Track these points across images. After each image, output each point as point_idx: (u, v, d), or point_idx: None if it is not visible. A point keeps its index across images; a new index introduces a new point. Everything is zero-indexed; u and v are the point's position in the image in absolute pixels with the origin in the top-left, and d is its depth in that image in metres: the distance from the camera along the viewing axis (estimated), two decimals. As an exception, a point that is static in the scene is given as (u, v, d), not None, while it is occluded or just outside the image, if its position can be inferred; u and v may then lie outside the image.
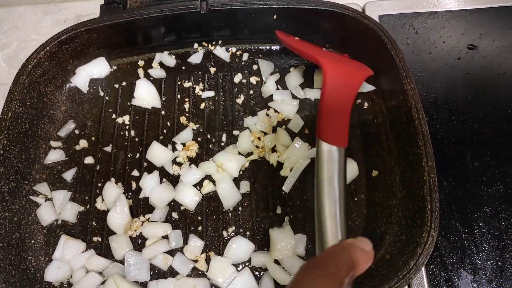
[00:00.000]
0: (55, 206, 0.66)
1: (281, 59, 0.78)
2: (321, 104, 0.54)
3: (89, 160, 0.71)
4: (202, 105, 0.75)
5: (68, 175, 0.69)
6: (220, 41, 0.79)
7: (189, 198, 0.66)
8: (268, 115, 0.73)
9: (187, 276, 0.61)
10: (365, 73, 0.62)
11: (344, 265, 0.34)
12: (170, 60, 0.78)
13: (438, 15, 0.87)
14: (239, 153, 0.69)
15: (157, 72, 0.77)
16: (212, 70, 0.78)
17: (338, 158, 0.52)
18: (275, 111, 0.73)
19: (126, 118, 0.74)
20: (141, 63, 0.78)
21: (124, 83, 0.77)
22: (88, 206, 0.67)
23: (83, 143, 0.72)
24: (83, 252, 0.63)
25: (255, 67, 0.77)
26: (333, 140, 0.52)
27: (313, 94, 0.74)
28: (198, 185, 0.68)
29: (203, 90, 0.76)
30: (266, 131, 0.71)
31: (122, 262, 0.63)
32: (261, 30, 0.75)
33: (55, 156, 0.70)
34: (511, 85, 0.78)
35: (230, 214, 0.66)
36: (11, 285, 0.56)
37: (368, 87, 0.72)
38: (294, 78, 0.75)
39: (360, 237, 0.43)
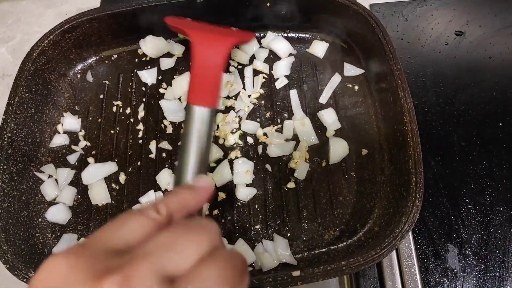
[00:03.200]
0: (58, 182, 0.70)
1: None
2: (193, 70, 0.57)
3: (91, 144, 0.74)
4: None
5: (72, 158, 0.73)
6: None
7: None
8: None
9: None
10: (233, 39, 0.63)
11: (165, 205, 0.33)
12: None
13: (426, 3, 0.90)
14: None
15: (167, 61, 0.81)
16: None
17: (209, 117, 0.54)
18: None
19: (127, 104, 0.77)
20: (140, 51, 0.81)
21: (124, 71, 0.80)
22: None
23: (85, 129, 0.76)
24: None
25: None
26: (206, 103, 0.54)
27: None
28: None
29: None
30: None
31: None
32: (255, 17, 0.78)
33: (59, 140, 0.74)
34: (497, 69, 0.82)
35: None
36: (21, 257, 0.59)
37: (357, 71, 0.75)
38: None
39: (199, 176, 0.46)
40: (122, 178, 0.71)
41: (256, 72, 0.78)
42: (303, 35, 0.80)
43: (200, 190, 0.39)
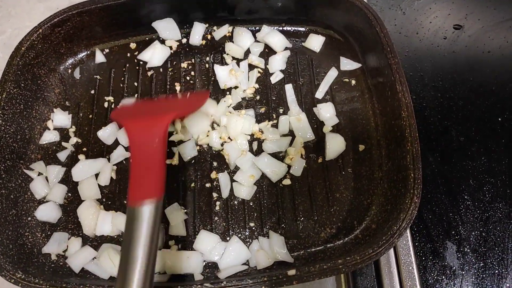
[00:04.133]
0: (49, 180, 0.68)
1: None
2: (131, 165, 0.52)
3: (82, 140, 0.72)
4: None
5: (63, 155, 0.71)
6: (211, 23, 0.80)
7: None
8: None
9: (179, 249, 0.63)
10: (173, 114, 0.59)
11: None
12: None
13: (424, -4, 0.89)
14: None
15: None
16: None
17: (154, 213, 0.48)
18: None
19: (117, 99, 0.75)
20: (133, 45, 0.79)
21: (116, 66, 0.78)
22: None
23: (75, 125, 0.74)
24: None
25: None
26: (147, 195, 0.48)
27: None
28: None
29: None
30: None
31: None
32: (252, 10, 0.77)
33: (49, 137, 0.72)
34: (496, 63, 0.80)
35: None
36: (8, 257, 0.57)
37: (354, 65, 0.73)
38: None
39: None
40: (113, 174, 0.69)
41: (251, 67, 0.76)
42: (299, 29, 0.79)
43: None
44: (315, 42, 0.77)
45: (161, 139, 0.53)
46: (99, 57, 0.78)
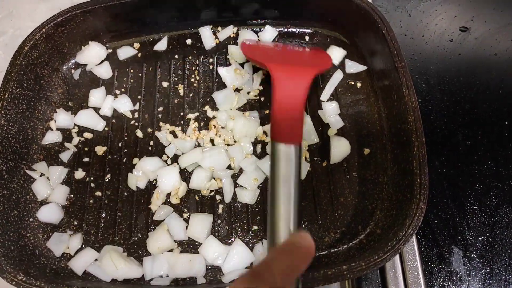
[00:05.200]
0: (51, 181, 0.67)
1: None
2: (273, 107, 0.55)
3: (85, 141, 0.72)
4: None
5: (65, 156, 0.70)
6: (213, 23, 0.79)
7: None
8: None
9: (182, 252, 0.63)
10: (316, 69, 0.62)
11: (280, 273, 0.34)
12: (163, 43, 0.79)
13: (431, -2, 0.88)
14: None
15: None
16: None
17: (294, 156, 0.52)
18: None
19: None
20: (136, 45, 0.79)
21: (120, 66, 0.78)
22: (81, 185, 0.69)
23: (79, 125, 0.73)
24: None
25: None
26: (288, 140, 0.52)
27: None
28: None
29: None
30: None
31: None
32: (257, 11, 0.76)
33: (52, 137, 0.71)
34: (502, 66, 0.79)
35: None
36: (10, 259, 0.57)
37: (360, 68, 0.73)
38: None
39: (301, 233, 0.43)
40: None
41: (255, 69, 0.76)
42: (305, 30, 0.78)
43: (306, 252, 0.38)
44: (335, 54, 0.75)
45: (305, 89, 0.57)
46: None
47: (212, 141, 0.70)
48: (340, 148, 0.67)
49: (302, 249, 0.38)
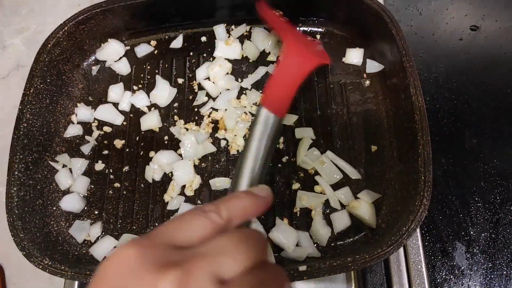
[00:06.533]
0: (72, 172, 0.72)
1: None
2: (273, 75, 0.60)
3: (104, 134, 0.76)
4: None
5: (86, 148, 0.74)
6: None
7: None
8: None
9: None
10: (320, 60, 0.66)
11: (228, 210, 0.35)
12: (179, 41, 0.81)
13: (442, -3, 0.89)
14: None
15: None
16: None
17: (272, 124, 0.57)
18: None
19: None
20: (153, 43, 0.82)
21: (137, 62, 0.81)
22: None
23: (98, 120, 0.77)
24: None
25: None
26: (273, 108, 0.57)
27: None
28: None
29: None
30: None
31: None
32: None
33: (74, 130, 0.75)
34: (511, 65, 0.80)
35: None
36: (36, 244, 0.61)
37: (378, 67, 0.74)
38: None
39: (261, 185, 0.46)
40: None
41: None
42: (316, 29, 0.80)
43: (261, 200, 0.40)
44: (354, 56, 0.76)
45: (306, 73, 0.61)
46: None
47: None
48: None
49: (257, 196, 0.40)
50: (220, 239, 0.32)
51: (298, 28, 0.80)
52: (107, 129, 0.76)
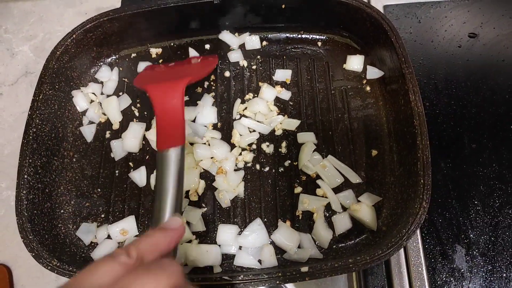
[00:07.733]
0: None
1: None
2: (157, 122, 0.61)
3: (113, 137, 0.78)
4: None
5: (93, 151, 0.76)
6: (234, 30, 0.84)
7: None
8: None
9: (200, 243, 0.67)
10: (189, 78, 0.66)
11: (143, 248, 0.39)
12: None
13: (440, 5, 0.90)
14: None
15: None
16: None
17: (181, 154, 0.58)
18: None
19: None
20: (158, 51, 0.84)
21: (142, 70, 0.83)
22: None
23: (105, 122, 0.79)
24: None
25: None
26: (175, 143, 0.58)
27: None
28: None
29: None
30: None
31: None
32: (271, 18, 0.80)
33: (81, 135, 0.77)
34: (509, 72, 0.82)
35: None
36: (45, 246, 0.62)
37: (378, 73, 0.76)
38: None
39: (173, 216, 0.49)
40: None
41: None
42: (317, 36, 0.82)
43: (171, 232, 0.44)
44: (355, 62, 0.78)
45: (179, 99, 0.62)
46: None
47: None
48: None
49: (167, 231, 0.44)
50: (129, 276, 0.35)
51: (299, 35, 0.82)
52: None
